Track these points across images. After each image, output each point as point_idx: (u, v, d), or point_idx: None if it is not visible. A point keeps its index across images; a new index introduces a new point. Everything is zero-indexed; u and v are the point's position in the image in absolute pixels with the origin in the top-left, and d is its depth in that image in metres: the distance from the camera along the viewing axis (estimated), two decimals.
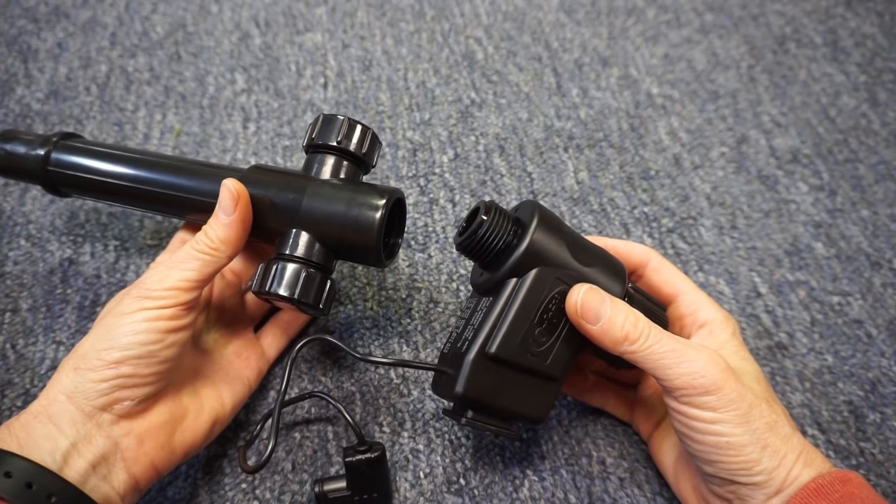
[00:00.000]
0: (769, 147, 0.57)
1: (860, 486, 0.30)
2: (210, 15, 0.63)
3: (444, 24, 0.64)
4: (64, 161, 0.40)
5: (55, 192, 0.42)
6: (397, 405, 0.42)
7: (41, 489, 0.28)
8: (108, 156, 0.40)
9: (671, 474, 0.38)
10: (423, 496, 0.39)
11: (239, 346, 0.40)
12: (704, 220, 0.52)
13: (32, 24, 0.61)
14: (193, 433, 0.35)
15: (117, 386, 0.31)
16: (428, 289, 0.47)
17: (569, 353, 0.35)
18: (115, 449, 0.31)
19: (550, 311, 0.34)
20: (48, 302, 0.45)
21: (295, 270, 0.35)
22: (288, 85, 0.58)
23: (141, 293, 0.33)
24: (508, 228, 0.34)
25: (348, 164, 0.37)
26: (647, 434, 0.40)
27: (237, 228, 0.35)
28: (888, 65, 0.64)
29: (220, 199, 0.35)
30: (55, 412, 0.30)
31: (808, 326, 0.47)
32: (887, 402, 0.44)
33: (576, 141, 0.56)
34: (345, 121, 0.37)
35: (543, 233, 0.33)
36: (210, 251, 0.34)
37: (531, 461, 0.40)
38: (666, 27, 0.66)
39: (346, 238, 0.36)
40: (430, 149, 0.55)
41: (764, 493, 0.31)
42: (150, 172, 0.39)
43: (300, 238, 0.36)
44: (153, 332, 0.32)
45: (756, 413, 0.31)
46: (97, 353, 0.31)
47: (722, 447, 0.31)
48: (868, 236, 0.52)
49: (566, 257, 0.34)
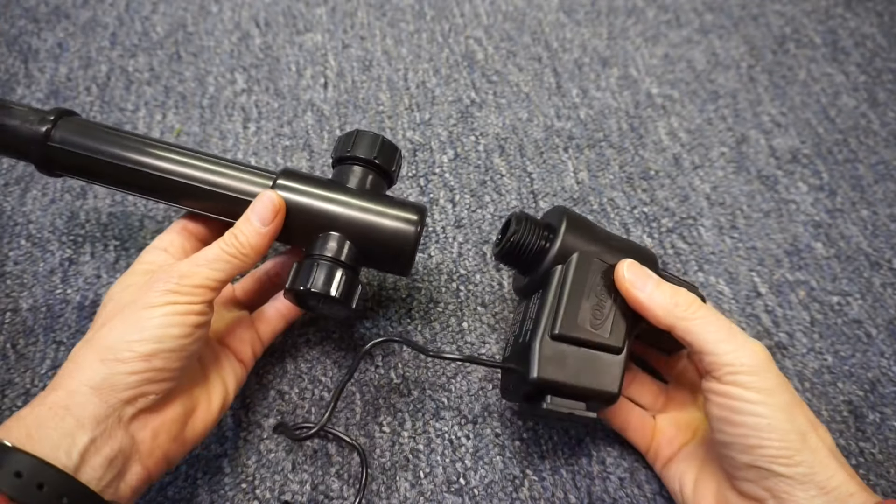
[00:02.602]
0: (769, 147, 0.57)
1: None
2: (210, 15, 0.63)
3: (444, 25, 0.64)
4: (69, 140, 0.38)
5: (48, 170, 0.39)
6: (397, 405, 0.42)
7: (52, 491, 0.27)
8: (120, 139, 0.38)
9: (690, 492, 0.36)
10: (423, 496, 0.39)
11: (238, 331, 0.40)
12: (704, 220, 0.52)
13: (32, 24, 0.61)
14: (204, 423, 0.35)
15: (147, 380, 0.31)
16: (428, 289, 0.47)
17: (625, 325, 0.36)
18: (132, 443, 0.31)
19: (599, 287, 0.36)
20: (48, 302, 0.45)
21: (330, 269, 0.36)
22: (288, 85, 0.58)
23: (169, 287, 0.32)
24: (541, 233, 0.37)
25: (378, 178, 0.39)
26: (665, 459, 0.39)
27: (270, 238, 0.36)
28: (888, 65, 0.64)
29: (257, 206, 0.35)
30: (76, 404, 0.29)
31: (808, 326, 0.47)
32: (887, 401, 0.44)
33: (576, 141, 0.56)
34: (380, 138, 0.39)
35: (574, 230, 0.37)
36: (240, 256, 0.34)
37: (531, 461, 0.40)
38: (666, 27, 0.66)
39: (382, 248, 0.37)
40: (430, 149, 0.55)
41: (804, 489, 0.29)
42: (170, 162, 0.38)
43: (334, 241, 0.37)
44: (184, 325, 0.32)
45: (798, 410, 0.31)
46: (128, 345, 0.31)
47: (763, 429, 0.30)
48: (868, 236, 0.52)
49: (600, 246, 0.37)
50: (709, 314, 0.33)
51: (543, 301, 0.36)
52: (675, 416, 0.40)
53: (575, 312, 0.35)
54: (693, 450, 0.38)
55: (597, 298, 0.36)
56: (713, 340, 0.32)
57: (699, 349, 0.33)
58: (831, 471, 0.30)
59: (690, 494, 0.36)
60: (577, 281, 0.35)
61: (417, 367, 0.44)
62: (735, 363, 0.31)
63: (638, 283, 0.34)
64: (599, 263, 0.36)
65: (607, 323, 0.35)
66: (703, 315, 0.33)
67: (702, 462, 0.36)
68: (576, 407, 0.35)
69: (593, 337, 0.35)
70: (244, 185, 0.37)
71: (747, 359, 0.31)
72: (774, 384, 0.31)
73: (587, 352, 0.35)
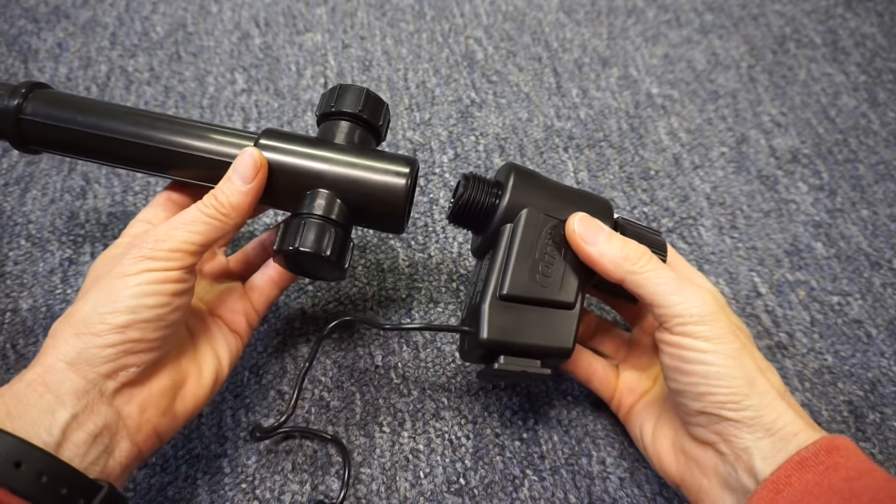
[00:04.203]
0: (769, 147, 0.57)
1: (847, 453, 0.29)
2: (210, 15, 0.63)
3: (444, 25, 0.64)
4: (42, 112, 0.36)
5: (24, 147, 0.38)
6: (397, 405, 0.42)
7: (31, 469, 0.26)
8: (95, 108, 0.37)
9: (649, 439, 0.37)
10: (423, 496, 0.39)
11: (230, 301, 0.39)
12: (704, 220, 0.52)
13: (32, 24, 0.61)
14: (195, 397, 0.34)
15: (124, 351, 0.30)
16: (428, 289, 0.47)
17: (577, 279, 0.36)
18: (118, 418, 0.30)
19: (548, 244, 0.35)
20: (48, 302, 0.45)
21: (320, 227, 0.34)
22: (288, 85, 0.58)
23: (144, 253, 0.31)
24: (490, 191, 0.36)
25: (365, 133, 0.38)
26: (627, 407, 0.39)
27: (253, 197, 0.34)
28: (888, 65, 0.64)
29: (238, 164, 0.34)
30: (54, 381, 0.28)
31: (808, 326, 0.47)
32: (887, 401, 0.44)
33: (576, 141, 0.56)
34: (365, 91, 0.37)
35: (522, 184, 0.36)
36: (220, 216, 0.33)
37: (531, 461, 0.40)
38: (666, 27, 0.66)
39: (373, 203, 0.36)
40: (431, 149, 0.55)
41: (751, 432, 0.30)
42: (148, 128, 0.36)
43: (322, 198, 0.35)
44: (160, 294, 0.30)
45: (747, 354, 0.32)
46: (101, 317, 0.29)
47: (712, 377, 0.31)
48: (868, 236, 0.52)
49: (550, 200, 0.36)
50: (658, 266, 0.33)
51: (493, 261, 0.35)
52: (638, 364, 0.40)
53: (523, 271, 0.35)
54: (653, 398, 0.38)
55: (547, 255, 0.35)
56: (662, 293, 0.32)
57: (650, 301, 0.33)
58: (777, 413, 0.30)
59: (650, 441, 0.37)
60: (525, 239, 0.35)
61: (417, 367, 0.44)
62: (684, 314, 0.32)
63: (588, 237, 0.34)
64: (549, 219, 0.36)
65: (558, 279, 0.35)
66: (652, 268, 0.33)
67: (660, 409, 0.37)
68: (529, 365, 0.35)
69: (543, 294, 0.35)
70: (226, 148, 0.36)
71: (696, 309, 0.32)
72: (723, 332, 0.31)
73: (538, 309, 0.35)
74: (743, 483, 0.30)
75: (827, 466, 0.28)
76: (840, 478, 0.28)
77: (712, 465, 0.32)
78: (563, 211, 0.36)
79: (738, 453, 0.30)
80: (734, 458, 0.31)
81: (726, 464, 0.31)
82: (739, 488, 0.30)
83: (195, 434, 0.40)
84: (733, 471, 0.31)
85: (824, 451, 0.29)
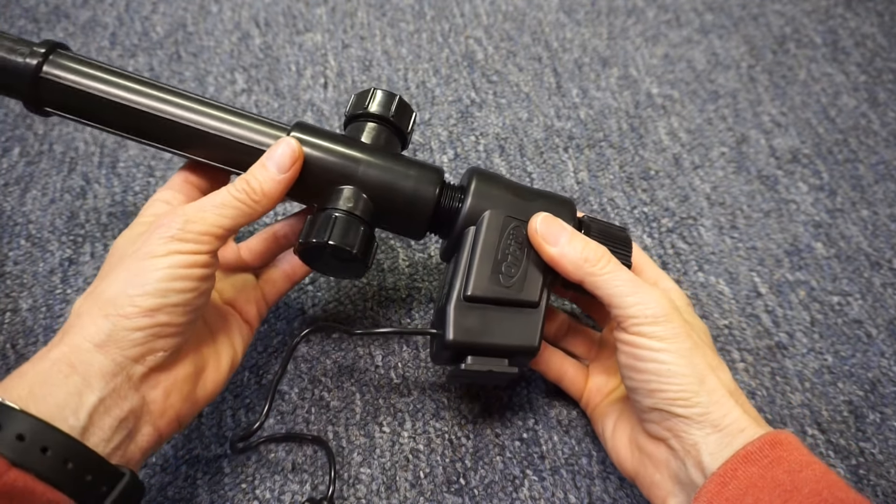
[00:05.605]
0: (769, 147, 0.57)
1: (790, 447, 0.30)
2: (210, 15, 0.63)
3: (444, 25, 0.64)
4: (64, 74, 0.35)
5: (36, 108, 0.36)
6: (397, 405, 0.42)
7: (57, 455, 0.25)
8: (120, 76, 0.36)
9: (609, 434, 0.38)
10: (423, 496, 0.39)
11: (244, 291, 0.39)
12: (704, 220, 0.52)
13: (32, 24, 0.61)
14: (214, 382, 0.34)
15: (154, 335, 0.29)
16: (428, 289, 0.47)
17: (540, 278, 0.36)
18: (143, 403, 0.29)
19: (511, 245, 0.36)
20: (48, 302, 0.45)
21: (349, 223, 0.35)
22: (288, 85, 0.58)
23: (172, 234, 0.30)
24: (454, 196, 0.37)
25: (392, 137, 0.38)
26: (594, 405, 0.40)
27: (285, 186, 0.34)
28: (888, 65, 0.64)
29: (274, 153, 0.34)
30: (81, 361, 0.28)
31: (808, 326, 0.47)
32: (887, 402, 0.44)
33: (576, 141, 0.56)
34: (397, 97, 0.38)
35: (483, 186, 0.37)
36: (251, 202, 0.33)
37: (531, 461, 0.40)
38: (666, 27, 0.66)
39: (401, 207, 0.36)
40: (431, 149, 0.55)
41: (700, 428, 0.31)
42: (178, 107, 0.35)
43: (352, 195, 0.35)
44: (188, 279, 0.30)
45: (699, 353, 0.33)
46: (130, 299, 0.29)
47: (663, 374, 0.32)
48: (868, 236, 0.52)
49: (513, 201, 0.37)
50: (616, 268, 0.34)
51: (457, 264, 0.36)
52: (607, 364, 0.41)
53: (486, 272, 0.35)
54: (617, 396, 0.39)
55: (510, 255, 0.36)
56: (619, 294, 0.33)
57: (608, 302, 0.34)
58: (726, 409, 0.31)
59: (610, 436, 0.38)
60: (487, 240, 0.36)
61: (417, 367, 0.44)
62: (639, 315, 0.33)
63: (550, 237, 0.35)
64: (512, 220, 0.36)
65: (521, 278, 0.36)
66: (610, 269, 0.34)
67: (622, 407, 0.38)
68: (496, 364, 0.35)
69: (507, 294, 0.35)
70: (257, 136, 0.36)
71: (650, 310, 0.33)
72: (676, 332, 0.32)
73: (503, 309, 0.35)
74: (692, 477, 0.31)
75: (771, 460, 0.29)
76: (783, 470, 0.29)
77: (664, 460, 0.33)
78: (527, 212, 0.37)
79: (687, 448, 0.32)
80: (684, 454, 0.32)
81: (677, 459, 0.32)
82: (689, 482, 0.31)
83: (195, 434, 0.40)
84: (683, 465, 0.32)
85: (768, 445, 0.30)
